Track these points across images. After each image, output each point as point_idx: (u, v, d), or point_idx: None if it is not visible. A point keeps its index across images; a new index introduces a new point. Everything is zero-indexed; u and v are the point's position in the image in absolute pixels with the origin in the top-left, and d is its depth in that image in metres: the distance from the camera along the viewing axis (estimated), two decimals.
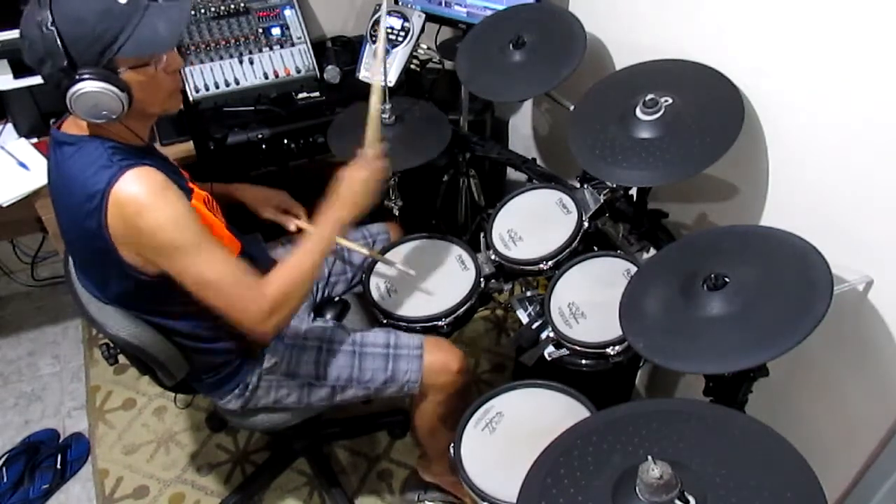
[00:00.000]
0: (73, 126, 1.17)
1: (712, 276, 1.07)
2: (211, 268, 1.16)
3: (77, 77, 1.04)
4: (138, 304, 1.26)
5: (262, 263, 1.38)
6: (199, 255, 1.15)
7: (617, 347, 1.29)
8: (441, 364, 1.45)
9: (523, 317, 1.48)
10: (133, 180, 1.10)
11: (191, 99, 1.87)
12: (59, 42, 1.02)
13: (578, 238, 1.48)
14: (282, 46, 1.99)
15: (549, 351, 1.38)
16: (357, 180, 1.30)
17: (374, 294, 1.53)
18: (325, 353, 1.44)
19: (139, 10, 1.07)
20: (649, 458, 0.82)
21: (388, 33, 1.89)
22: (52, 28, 1.02)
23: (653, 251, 1.55)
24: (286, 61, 1.98)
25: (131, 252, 1.15)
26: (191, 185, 1.28)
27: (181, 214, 1.13)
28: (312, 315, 1.54)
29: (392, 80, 1.85)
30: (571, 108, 1.51)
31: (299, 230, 1.55)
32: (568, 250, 1.47)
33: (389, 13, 1.90)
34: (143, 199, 1.10)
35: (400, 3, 1.97)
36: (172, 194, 1.13)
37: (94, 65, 1.05)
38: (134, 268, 1.16)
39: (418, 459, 1.86)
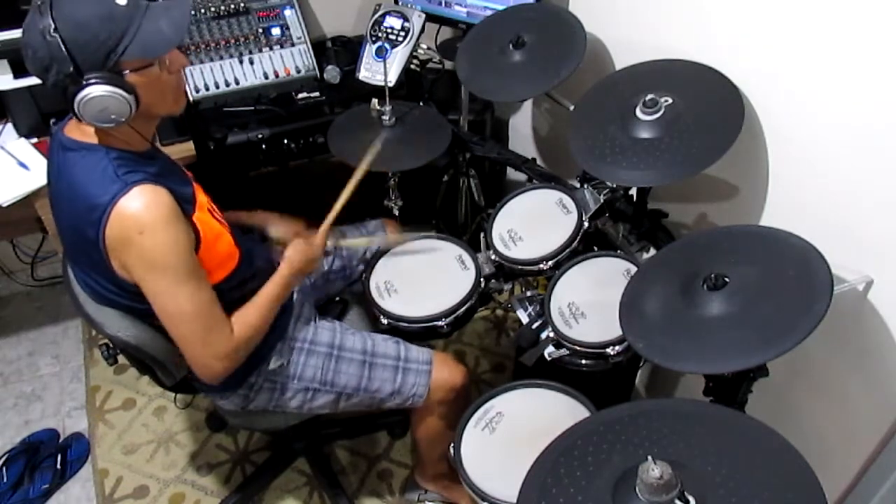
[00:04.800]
0: (77, 131, 1.16)
1: (712, 276, 1.07)
2: (188, 300, 1.17)
3: (84, 82, 1.04)
4: (130, 308, 1.26)
5: (262, 263, 1.38)
6: (181, 287, 1.15)
7: (617, 347, 1.29)
8: (446, 380, 1.48)
9: (523, 317, 1.47)
10: (138, 198, 1.10)
11: (191, 99, 1.87)
12: (63, 48, 1.02)
13: (578, 238, 1.48)
14: (282, 46, 1.99)
15: (549, 351, 1.38)
16: (295, 260, 1.37)
17: (374, 293, 1.53)
18: (334, 360, 1.45)
19: (140, 12, 1.07)
20: (649, 458, 0.82)
21: (388, 33, 1.90)
22: (56, 35, 1.01)
23: (653, 251, 1.55)
24: (286, 61, 1.98)
25: (118, 264, 1.15)
26: (195, 186, 1.28)
27: (178, 243, 1.14)
28: (317, 316, 1.54)
29: (392, 80, 1.85)
30: (571, 108, 1.51)
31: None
32: (568, 250, 1.47)
33: (390, 13, 1.91)
34: (145, 219, 1.10)
35: (400, 3, 1.97)
36: (175, 220, 1.14)
37: (100, 69, 1.05)
38: (124, 280, 1.17)
39: (415, 466, 1.87)
